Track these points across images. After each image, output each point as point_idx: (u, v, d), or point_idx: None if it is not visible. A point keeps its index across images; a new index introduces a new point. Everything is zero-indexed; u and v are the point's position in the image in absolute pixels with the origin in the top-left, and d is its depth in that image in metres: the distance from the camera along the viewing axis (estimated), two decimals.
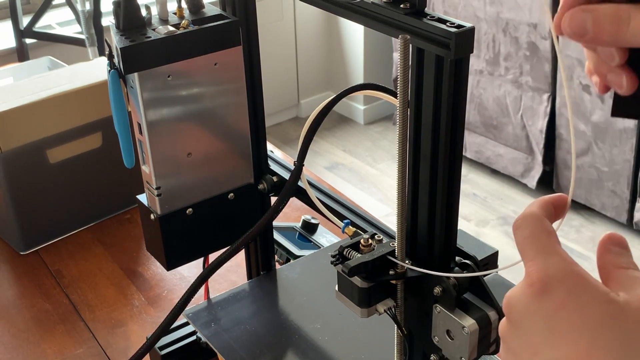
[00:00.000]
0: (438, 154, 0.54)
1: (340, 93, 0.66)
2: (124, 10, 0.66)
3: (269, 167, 0.80)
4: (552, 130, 2.53)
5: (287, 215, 1.14)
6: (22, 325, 0.98)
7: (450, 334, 0.56)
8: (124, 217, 1.20)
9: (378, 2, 0.54)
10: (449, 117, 0.52)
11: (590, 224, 2.55)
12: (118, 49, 0.65)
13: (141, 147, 0.71)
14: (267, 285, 0.86)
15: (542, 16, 2.38)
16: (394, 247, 0.58)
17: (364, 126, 3.32)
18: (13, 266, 1.10)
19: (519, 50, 2.51)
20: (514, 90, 2.59)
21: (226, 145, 0.75)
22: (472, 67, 2.68)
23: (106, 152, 1.14)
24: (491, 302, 0.55)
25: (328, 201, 0.75)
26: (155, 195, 0.72)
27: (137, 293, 1.03)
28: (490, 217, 2.63)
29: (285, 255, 0.97)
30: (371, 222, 0.71)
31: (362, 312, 0.59)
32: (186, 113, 0.71)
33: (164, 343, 0.84)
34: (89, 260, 1.10)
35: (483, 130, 2.77)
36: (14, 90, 1.09)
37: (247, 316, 0.81)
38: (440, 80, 0.51)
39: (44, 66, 1.42)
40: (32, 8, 2.63)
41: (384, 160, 3.05)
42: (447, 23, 0.50)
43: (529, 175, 2.66)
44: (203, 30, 0.68)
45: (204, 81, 0.70)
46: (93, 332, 0.96)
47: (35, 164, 1.08)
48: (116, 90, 0.68)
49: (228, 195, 0.77)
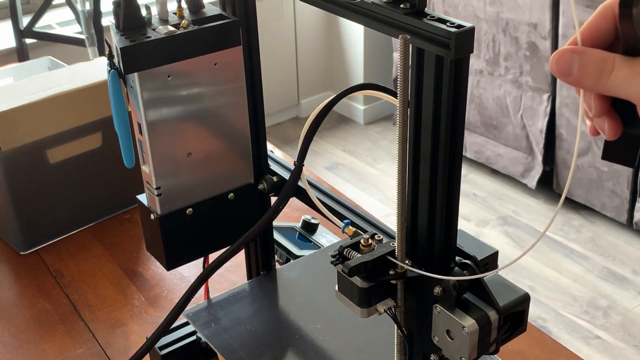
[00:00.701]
0: (438, 154, 0.54)
1: (340, 93, 0.66)
2: (124, 10, 0.66)
3: (269, 167, 0.80)
4: (552, 130, 2.53)
5: (287, 215, 1.14)
6: (22, 325, 0.98)
7: (450, 334, 0.56)
8: (124, 217, 1.20)
9: (378, 2, 0.54)
10: (449, 117, 0.52)
11: (590, 224, 2.55)
12: (118, 49, 0.65)
13: (141, 147, 0.71)
14: (267, 285, 0.86)
15: (542, 16, 2.38)
16: (394, 247, 0.58)
17: (364, 126, 3.32)
18: (13, 266, 1.10)
19: (519, 50, 2.51)
20: (514, 90, 2.59)
21: (226, 145, 0.75)
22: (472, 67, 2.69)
23: (106, 152, 1.14)
24: (491, 302, 0.55)
25: (328, 201, 0.75)
26: (155, 195, 0.72)
27: (137, 293, 1.03)
28: (490, 217, 2.63)
29: (285, 255, 0.97)
30: (371, 222, 0.71)
31: (362, 312, 0.59)
32: (186, 113, 0.71)
33: (164, 343, 0.84)
34: (89, 260, 1.10)
35: (483, 130, 2.77)
36: (14, 90, 1.09)
37: (247, 316, 0.81)
38: (440, 80, 0.51)
39: (44, 66, 1.42)
40: (32, 8, 2.63)
41: (384, 160, 3.05)
42: (447, 23, 0.50)
43: (529, 175, 2.66)
44: (203, 30, 0.68)
45: (204, 81, 0.70)
46: (93, 332, 0.96)
47: (35, 164, 1.08)
48: (116, 90, 0.68)
49: (228, 195, 0.77)
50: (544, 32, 2.41)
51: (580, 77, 0.41)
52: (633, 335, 2.08)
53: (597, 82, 0.41)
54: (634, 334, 2.08)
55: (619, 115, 0.43)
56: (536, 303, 2.19)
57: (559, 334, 2.09)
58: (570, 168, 2.49)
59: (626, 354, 2.02)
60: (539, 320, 2.14)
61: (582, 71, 0.41)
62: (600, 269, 2.35)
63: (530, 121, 2.57)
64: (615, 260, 2.38)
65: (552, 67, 0.42)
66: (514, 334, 0.57)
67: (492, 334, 0.55)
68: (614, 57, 0.41)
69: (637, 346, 2.04)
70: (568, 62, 0.42)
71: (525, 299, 0.56)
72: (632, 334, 2.09)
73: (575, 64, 0.41)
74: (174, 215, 0.74)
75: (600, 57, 0.41)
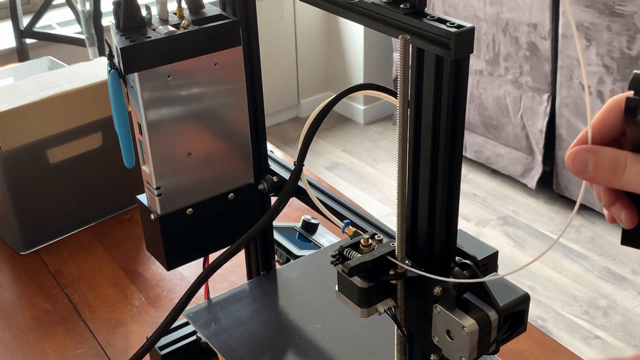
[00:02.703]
0: (438, 154, 0.54)
1: (340, 93, 0.66)
2: (124, 10, 0.66)
3: (269, 167, 0.80)
4: (552, 130, 2.53)
5: (287, 215, 1.14)
6: (22, 325, 0.98)
7: (450, 334, 0.56)
8: (124, 217, 1.20)
9: (378, 2, 0.54)
10: (449, 117, 0.52)
11: (590, 224, 2.55)
12: (118, 49, 0.65)
13: (141, 147, 0.71)
14: (267, 285, 0.86)
15: (542, 16, 2.38)
16: (394, 247, 0.58)
17: (364, 126, 3.32)
18: (13, 266, 1.10)
19: (519, 50, 2.51)
20: (513, 90, 2.59)
21: (226, 145, 0.75)
22: (472, 67, 2.69)
23: (106, 152, 1.14)
24: (491, 302, 0.55)
25: (328, 201, 0.75)
26: (155, 195, 0.72)
27: (137, 293, 1.03)
28: (490, 217, 2.63)
29: (285, 255, 0.97)
30: (371, 222, 0.71)
31: (362, 312, 0.59)
32: (186, 113, 0.71)
33: (164, 343, 0.84)
34: (89, 260, 1.10)
35: (483, 130, 2.77)
36: (14, 90, 1.09)
37: (247, 316, 0.81)
38: (440, 80, 0.51)
39: (44, 66, 1.42)
40: (32, 8, 2.63)
41: (384, 160, 3.05)
42: (447, 23, 0.50)
43: (528, 175, 2.66)
44: (203, 30, 0.68)
45: (204, 81, 0.70)
46: (93, 332, 0.96)
47: (35, 164, 1.08)
48: (116, 90, 0.68)
49: (228, 195, 0.77)
50: (544, 32, 2.41)
51: (596, 175, 0.44)
52: (633, 335, 2.08)
53: (612, 179, 0.44)
54: (634, 334, 2.08)
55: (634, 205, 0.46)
56: (536, 303, 2.19)
57: (559, 334, 2.09)
58: None
59: (626, 354, 2.02)
60: (539, 320, 2.14)
61: (597, 169, 0.44)
62: (600, 269, 2.35)
63: (530, 121, 2.57)
64: (615, 260, 2.38)
65: (569, 165, 0.45)
66: (514, 334, 0.57)
67: (492, 334, 0.55)
68: (626, 154, 0.44)
69: (637, 346, 2.04)
70: (583, 161, 0.44)
71: (525, 299, 0.56)
72: (632, 334, 2.09)
73: (590, 163, 0.44)
74: (174, 215, 0.74)
75: (613, 155, 0.44)
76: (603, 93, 2.30)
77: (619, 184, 0.44)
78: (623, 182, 0.44)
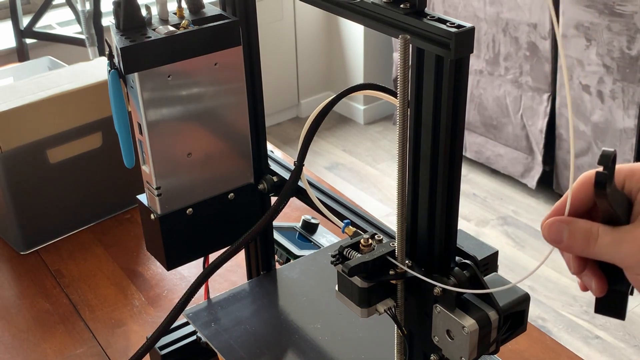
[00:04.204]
0: (438, 154, 0.54)
1: (340, 93, 0.66)
2: (124, 10, 0.66)
3: (269, 167, 0.80)
4: (552, 130, 2.53)
5: (287, 215, 1.14)
6: (22, 325, 0.98)
7: (450, 334, 0.56)
8: (124, 217, 1.20)
9: (378, 2, 0.54)
10: (449, 117, 0.52)
11: None
12: (118, 49, 0.65)
13: (141, 147, 0.71)
14: (267, 285, 0.86)
15: (542, 16, 2.39)
16: (394, 247, 0.58)
17: (364, 126, 3.32)
18: (13, 266, 1.10)
19: (519, 50, 2.51)
20: (514, 90, 2.59)
21: (226, 145, 0.75)
22: (472, 67, 2.69)
23: (106, 152, 1.14)
24: (491, 302, 0.55)
25: (328, 201, 0.75)
26: (155, 195, 0.72)
27: (137, 293, 1.03)
28: (490, 217, 2.63)
29: (285, 255, 0.97)
30: (371, 222, 0.71)
31: (362, 312, 0.59)
32: (186, 113, 0.71)
33: (164, 343, 0.84)
34: (89, 260, 1.10)
35: (483, 130, 2.77)
36: (14, 90, 1.09)
37: (247, 316, 0.81)
38: (440, 80, 0.51)
39: (44, 66, 1.42)
40: (32, 8, 2.63)
41: (384, 160, 3.05)
42: (447, 23, 0.50)
43: (528, 175, 2.66)
44: (203, 30, 0.68)
45: (204, 81, 0.70)
46: (93, 332, 0.96)
47: (35, 164, 1.08)
48: (116, 90, 0.68)
49: (228, 195, 0.77)
50: (544, 32, 2.41)
51: (570, 244, 0.47)
52: (633, 335, 2.08)
53: (585, 249, 0.47)
54: (634, 334, 2.08)
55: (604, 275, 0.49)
56: (536, 303, 2.19)
57: (559, 334, 2.09)
58: (570, 168, 2.49)
59: (626, 354, 2.02)
60: (539, 320, 2.14)
61: (571, 239, 0.47)
62: None
63: (530, 121, 2.57)
64: None
65: (544, 235, 0.48)
66: (514, 334, 0.57)
67: (492, 334, 0.55)
68: (598, 226, 0.46)
69: (637, 346, 2.04)
70: (558, 232, 0.47)
71: (525, 299, 0.56)
72: (632, 334, 2.09)
73: (564, 233, 0.47)
74: (174, 215, 0.74)
75: (586, 227, 0.47)
76: (603, 93, 2.30)
77: (592, 253, 0.47)
78: (596, 252, 0.47)
